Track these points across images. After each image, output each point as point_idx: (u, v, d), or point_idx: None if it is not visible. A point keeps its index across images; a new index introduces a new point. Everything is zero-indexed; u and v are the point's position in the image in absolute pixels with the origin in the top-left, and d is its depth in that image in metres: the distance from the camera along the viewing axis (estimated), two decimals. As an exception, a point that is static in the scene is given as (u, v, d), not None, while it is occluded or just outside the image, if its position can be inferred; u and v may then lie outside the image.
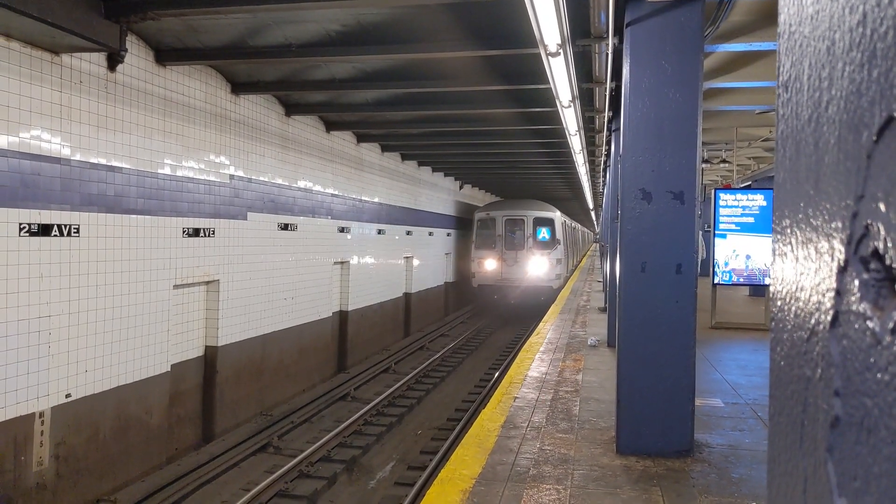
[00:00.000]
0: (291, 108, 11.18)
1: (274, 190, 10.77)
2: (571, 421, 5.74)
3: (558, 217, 22.00)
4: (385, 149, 15.93)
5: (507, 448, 4.99)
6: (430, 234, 20.14)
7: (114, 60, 7.17)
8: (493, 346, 17.24)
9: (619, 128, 5.76)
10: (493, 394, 6.81)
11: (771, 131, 12.60)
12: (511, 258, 21.46)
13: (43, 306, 6.39)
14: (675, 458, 4.75)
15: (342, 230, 13.54)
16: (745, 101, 9.66)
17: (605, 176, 17.23)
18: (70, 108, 6.69)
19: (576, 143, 10.69)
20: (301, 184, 11.73)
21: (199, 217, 8.78)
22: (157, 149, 7.97)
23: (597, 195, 28.33)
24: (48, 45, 6.30)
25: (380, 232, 15.90)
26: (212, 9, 6.36)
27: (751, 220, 11.24)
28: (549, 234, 21.48)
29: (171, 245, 8.22)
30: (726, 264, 11.36)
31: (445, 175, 22.14)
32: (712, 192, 11.83)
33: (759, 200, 11.28)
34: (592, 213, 41.05)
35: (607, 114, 9.51)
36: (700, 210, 5.16)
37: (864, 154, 0.43)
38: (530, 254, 21.36)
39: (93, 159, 6.99)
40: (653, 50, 4.76)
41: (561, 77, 6.17)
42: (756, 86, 8.72)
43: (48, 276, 6.44)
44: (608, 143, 11.62)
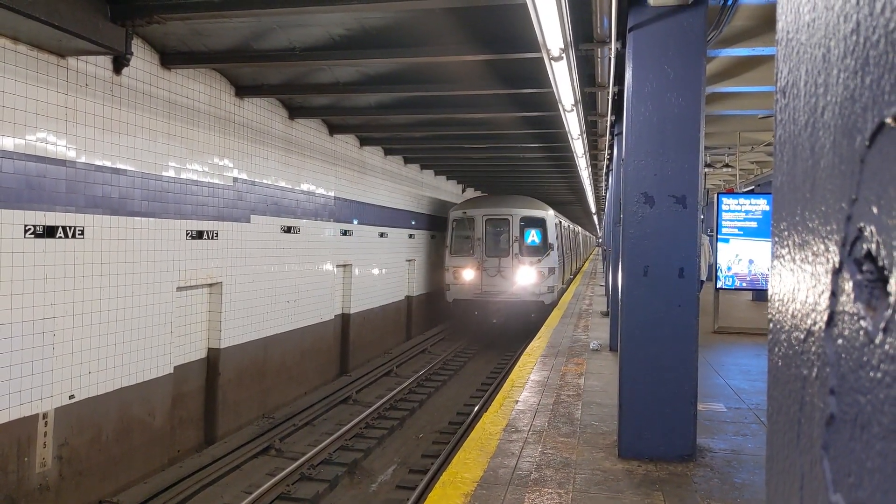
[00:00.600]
0: (295, 112, 11.22)
1: (277, 193, 10.80)
2: (573, 425, 5.74)
3: (551, 216, 18.18)
4: (388, 152, 15.97)
5: (508, 452, 5.00)
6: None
7: (119, 64, 7.21)
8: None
9: (622, 132, 5.78)
10: (494, 397, 6.81)
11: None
12: (493, 267, 17.65)
13: (47, 307, 6.42)
14: (678, 463, 4.75)
15: (345, 233, 13.57)
16: (748, 105, 9.68)
17: (607, 180, 17.24)
18: (76, 110, 6.73)
19: (578, 146, 10.71)
20: (304, 187, 11.76)
21: (202, 219, 8.81)
22: (161, 151, 8.00)
23: (599, 199, 28.35)
24: (55, 48, 6.34)
25: (382, 235, 15.92)
26: (217, 13, 6.39)
27: (754, 224, 11.23)
28: (539, 237, 17.78)
29: (174, 247, 8.25)
30: (729, 269, 11.35)
31: (448, 178, 22.15)
32: (715, 196, 11.83)
33: (761, 205, 11.27)
34: (595, 217, 41.07)
35: (610, 118, 9.53)
36: (703, 214, 5.17)
37: (857, 158, 0.44)
38: (517, 262, 17.60)
39: (98, 162, 7.02)
40: (655, 54, 4.77)
41: (563, 81, 6.18)
42: (759, 90, 8.73)
43: (53, 278, 6.46)
44: (611, 146, 11.63)
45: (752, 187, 17.10)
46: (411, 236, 18.35)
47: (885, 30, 0.41)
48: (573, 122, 8.42)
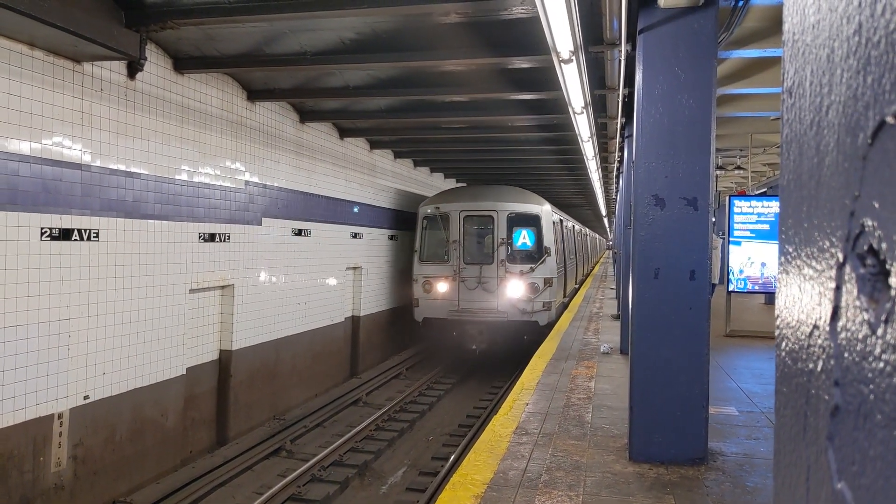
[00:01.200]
0: (306, 116, 11.29)
1: (288, 196, 10.87)
2: (584, 428, 5.73)
3: (546, 213, 14.45)
4: (398, 155, 16.02)
5: (518, 454, 5.00)
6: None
7: (133, 69, 7.29)
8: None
9: (632, 134, 5.77)
10: (504, 400, 6.81)
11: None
12: (473, 278, 14.05)
13: (63, 309, 6.49)
14: (689, 466, 4.73)
15: (355, 235, 13.62)
16: (760, 107, 9.64)
17: (618, 182, 17.19)
18: (91, 115, 6.81)
19: (588, 149, 10.70)
20: (315, 190, 11.82)
21: (214, 222, 8.89)
22: (174, 155, 8.08)
23: (610, 202, 28.26)
24: (70, 53, 6.43)
25: (392, 238, 15.95)
26: (229, 18, 6.46)
27: (766, 227, 11.17)
28: (532, 238, 14.24)
29: (187, 250, 8.32)
30: (741, 272, 11.29)
31: (458, 181, 22.18)
32: (727, 198, 11.77)
33: (774, 207, 11.20)
34: (605, 220, 40.95)
35: (620, 120, 9.52)
36: (714, 217, 5.15)
37: (860, 156, 0.46)
38: (503, 270, 13.99)
39: (112, 165, 7.10)
40: (666, 56, 4.77)
41: (573, 84, 6.19)
42: (770, 92, 8.69)
43: (68, 280, 6.54)
44: (621, 149, 11.61)
45: (765, 189, 16.99)
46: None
47: (885, 31, 0.42)
48: (583, 125, 8.41)
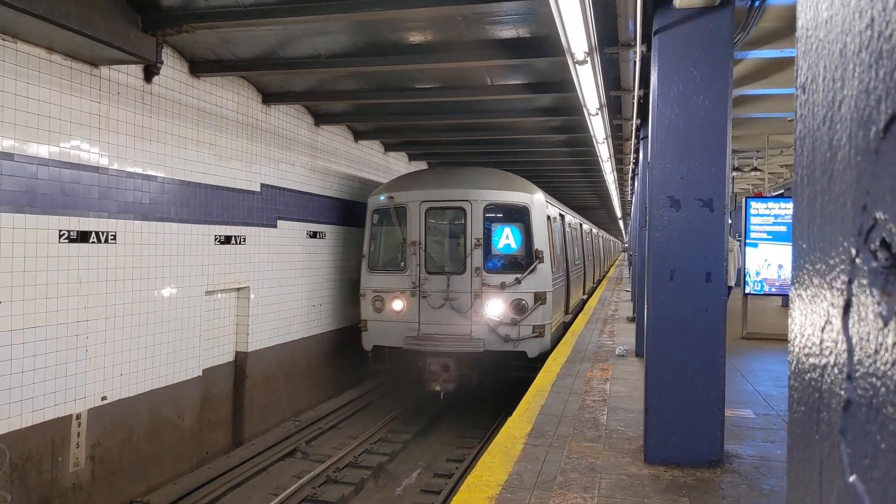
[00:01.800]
0: (321, 118, 11.36)
1: (303, 198, 10.92)
2: (598, 430, 5.70)
3: (538, 203, 10.41)
4: (412, 157, 16.06)
5: (533, 456, 4.98)
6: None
7: (150, 72, 7.38)
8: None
9: (648, 135, 5.75)
10: (519, 403, 6.80)
11: (803, 139, 12.38)
12: (438, 292, 10.16)
13: (81, 311, 6.58)
14: (705, 469, 4.69)
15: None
16: (777, 108, 9.54)
17: (633, 184, 17.10)
18: (108, 118, 6.90)
19: (603, 151, 10.66)
20: (330, 192, 11.88)
21: (230, 225, 8.96)
22: (190, 158, 8.17)
23: (625, 204, 28.11)
24: (88, 57, 6.52)
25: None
26: (245, 21, 6.52)
27: (783, 228, 11.06)
28: (518, 238, 10.25)
29: (203, 252, 8.40)
30: (758, 274, 11.18)
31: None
32: (743, 200, 11.67)
33: (790, 208, 11.06)
34: (620, 223, 40.73)
35: (635, 121, 9.47)
36: (731, 219, 5.12)
37: (872, 149, 0.46)
38: (479, 283, 10.06)
39: (129, 168, 7.19)
40: (681, 57, 4.74)
41: (588, 85, 6.17)
42: (787, 92, 8.61)
43: (86, 282, 6.63)
44: (636, 151, 11.55)
45: (782, 191, 16.82)
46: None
47: None
48: (598, 126, 8.39)
